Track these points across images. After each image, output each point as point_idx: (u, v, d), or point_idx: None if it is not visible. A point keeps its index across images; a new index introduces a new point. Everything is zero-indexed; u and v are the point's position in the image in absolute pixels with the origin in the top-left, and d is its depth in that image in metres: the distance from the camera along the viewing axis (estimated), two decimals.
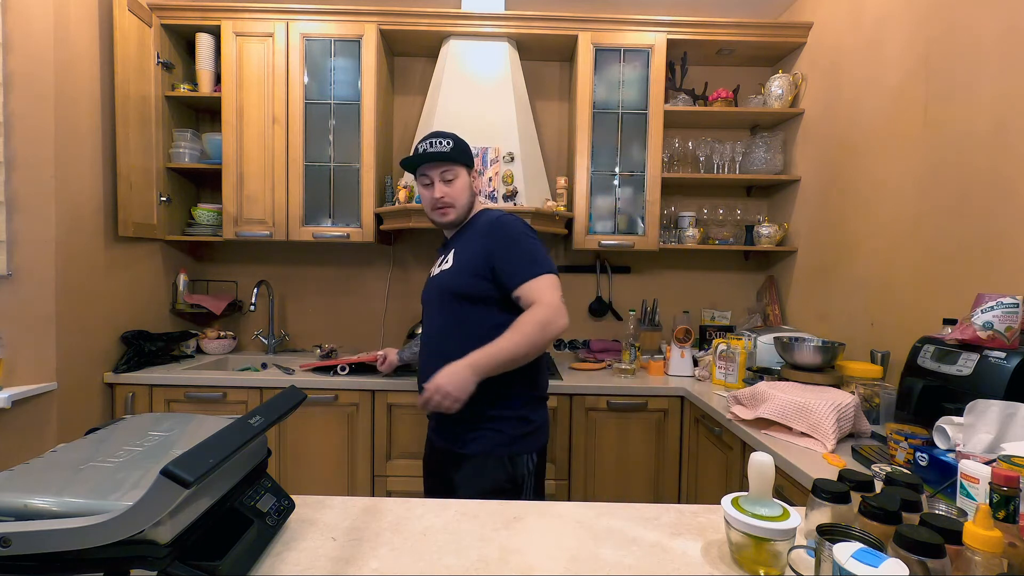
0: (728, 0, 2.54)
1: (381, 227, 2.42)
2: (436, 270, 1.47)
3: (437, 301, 1.42)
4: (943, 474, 0.96)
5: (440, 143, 1.38)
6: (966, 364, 1.22)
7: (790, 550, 0.66)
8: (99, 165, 2.06)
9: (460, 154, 1.39)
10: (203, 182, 2.67)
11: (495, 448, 1.32)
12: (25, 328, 1.82)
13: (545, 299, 1.30)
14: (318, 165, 2.38)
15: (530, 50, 2.54)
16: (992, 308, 1.21)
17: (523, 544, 0.77)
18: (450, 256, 1.43)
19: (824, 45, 2.27)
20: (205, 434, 0.63)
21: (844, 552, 0.54)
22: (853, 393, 1.51)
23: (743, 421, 1.58)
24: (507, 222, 1.39)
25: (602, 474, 2.12)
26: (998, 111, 1.41)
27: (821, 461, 1.25)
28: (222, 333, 2.56)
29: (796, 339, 1.88)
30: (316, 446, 2.11)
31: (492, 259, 1.34)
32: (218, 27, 2.34)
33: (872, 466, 1.14)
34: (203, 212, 2.49)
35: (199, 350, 2.52)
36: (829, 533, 0.62)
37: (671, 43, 2.40)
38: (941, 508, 0.80)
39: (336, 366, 2.16)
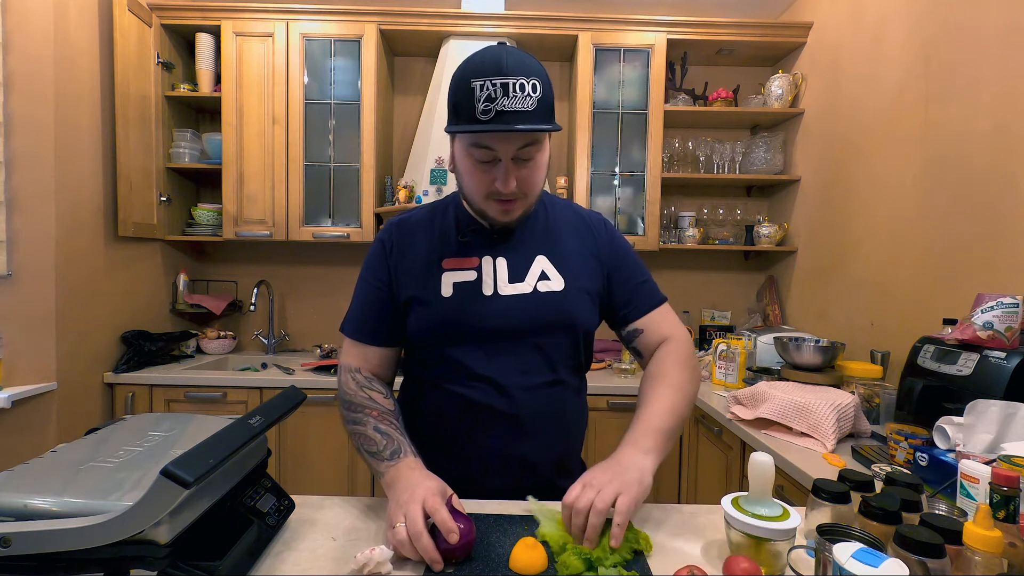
0: (728, 0, 2.54)
1: (381, 227, 2.43)
2: (488, 280, 0.92)
3: (524, 332, 0.92)
4: (943, 474, 0.96)
5: (521, 90, 0.78)
6: (966, 364, 1.22)
7: (790, 550, 0.66)
8: (99, 165, 2.06)
9: (549, 112, 0.83)
10: (203, 182, 2.67)
11: None
12: (25, 328, 1.82)
13: (680, 333, 1.00)
14: (318, 165, 2.38)
15: (530, 50, 2.53)
16: (992, 308, 1.21)
17: None
18: (533, 264, 0.94)
19: (824, 45, 2.27)
20: (205, 434, 0.62)
21: (844, 552, 0.54)
22: (853, 393, 1.51)
23: (743, 421, 1.58)
24: (612, 224, 1.06)
25: None
26: (998, 110, 1.41)
27: (821, 461, 1.25)
28: (222, 333, 2.56)
29: (796, 339, 1.87)
30: (316, 446, 2.11)
31: (611, 280, 0.99)
32: (218, 27, 2.34)
33: (872, 466, 1.14)
34: (203, 212, 2.49)
35: (199, 350, 2.52)
36: (829, 533, 0.62)
37: (671, 43, 2.40)
38: (941, 508, 0.80)
39: (336, 366, 2.16)
